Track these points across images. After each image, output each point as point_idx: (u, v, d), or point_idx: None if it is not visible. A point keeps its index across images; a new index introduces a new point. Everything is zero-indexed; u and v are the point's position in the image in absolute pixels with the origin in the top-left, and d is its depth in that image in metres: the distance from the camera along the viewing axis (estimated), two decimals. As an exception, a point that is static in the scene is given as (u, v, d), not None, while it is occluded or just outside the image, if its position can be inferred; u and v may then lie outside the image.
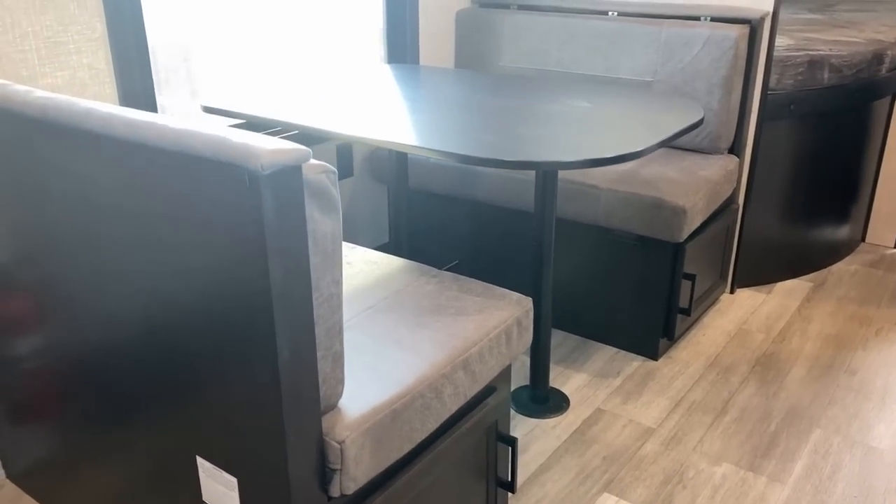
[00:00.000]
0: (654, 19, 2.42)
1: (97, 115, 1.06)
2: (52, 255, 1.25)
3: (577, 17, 2.53)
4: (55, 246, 1.24)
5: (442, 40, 2.74)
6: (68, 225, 1.19)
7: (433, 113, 1.81)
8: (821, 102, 2.54)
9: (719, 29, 2.28)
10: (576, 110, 1.84)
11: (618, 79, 2.48)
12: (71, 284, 1.24)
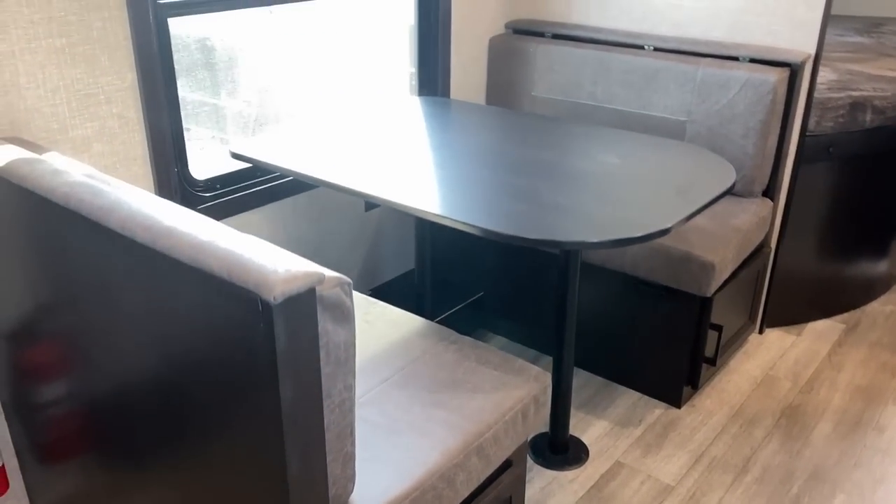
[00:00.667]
0: (691, 57, 2.36)
1: (117, 216, 1.07)
2: (74, 311, 1.27)
3: (612, 51, 2.48)
4: (77, 304, 1.26)
5: (474, 67, 2.71)
6: (89, 292, 1.21)
7: (458, 168, 1.79)
8: (862, 144, 2.46)
9: (758, 72, 2.22)
10: (604, 167, 1.81)
11: (651, 116, 2.43)
12: (91, 340, 1.26)
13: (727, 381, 2.38)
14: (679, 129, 2.38)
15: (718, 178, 1.75)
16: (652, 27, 2.50)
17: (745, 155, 2.29)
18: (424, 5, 2.47)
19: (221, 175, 2.03)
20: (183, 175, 1.92)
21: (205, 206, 1.97)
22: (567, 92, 2.59)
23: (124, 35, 1.69)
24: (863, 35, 3.39)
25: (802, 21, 2.22)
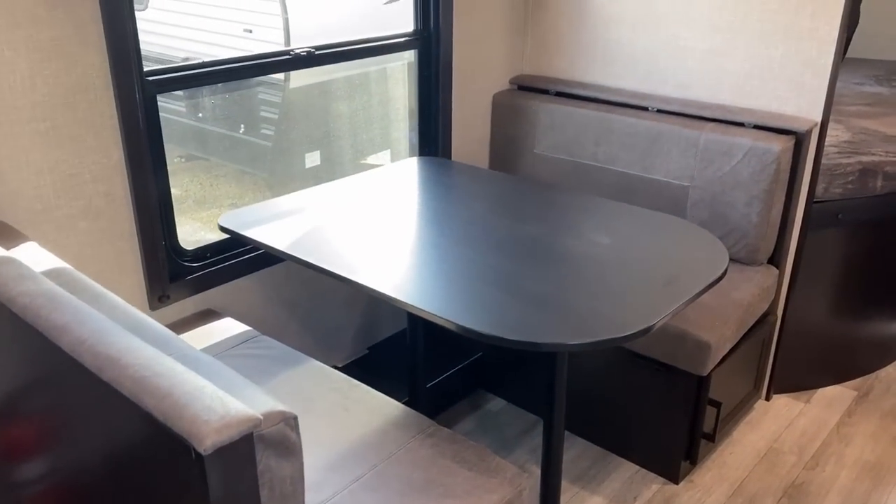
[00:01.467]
0: (695, 121, 2.31)
1: (69, 338, 1.05)
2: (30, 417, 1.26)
3: (615, 112, 2.44)
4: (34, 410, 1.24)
5: (478, 123, 2.69)
6: (45, 401, 1.20)
7: (444, 247, 1.76)
8: (873, 211, 2.39)
9: (762, 140, 2.16)
10: (593, 249, 1.77)
11: (654, 180, 2.38)
12: (46, 444, 1.25)
13: (729, 455, 2.30)
14: (682, 194, 2.33)
15: (710, 265, 1.69)
16: (656, 87, 2.46)
17: (748, 223, 2.23)
18: (424, 62, 2.45)
19: (211, 243, 2.02)
20: (171, 247, 1.91)
21: (194, 277, 1.96)
22: (570, 151, 2.55)
23: (110, 114, 1.69)
24: (882, 84, 3.31)
25: (809, 88, 2.17)
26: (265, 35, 4.75)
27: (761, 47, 2.22)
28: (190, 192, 5.49)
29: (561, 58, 2.66)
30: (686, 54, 2.36)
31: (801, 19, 2.13)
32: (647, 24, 2.41)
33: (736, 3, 2.23)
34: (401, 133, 2.63)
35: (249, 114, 5.05)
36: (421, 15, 2.39)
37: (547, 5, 2.62)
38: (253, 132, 5.21)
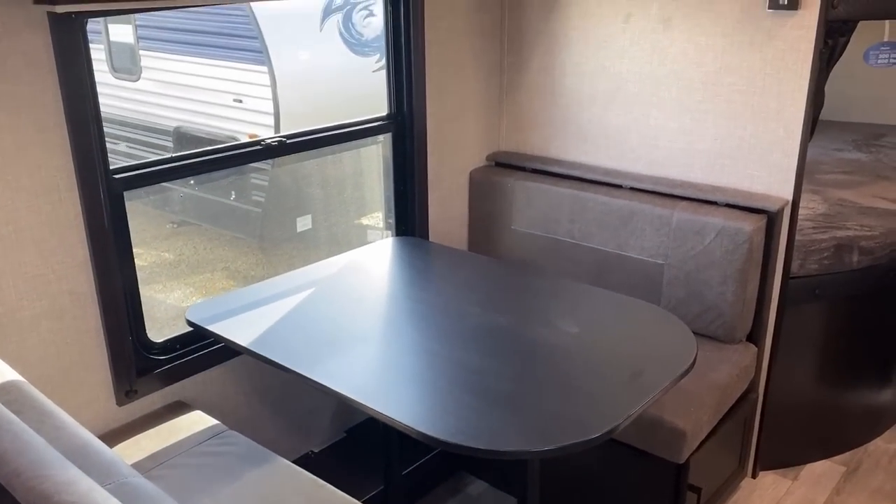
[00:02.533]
0: (667, 199, 2.32)
1: (4, 471, 1.03)
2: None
3: (588, 190, 2.45)
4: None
5: (456, 199, 2.70)
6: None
7: (411, 342, 1.75)
8: (850, 286, 2.38)
9: (733, 220, 2.16)
10: (562, 339, 1.75)
11: (629, 258, 2.37)
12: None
13: (714, 539, 2.25)
14: (657, 272, 2.32)
15: (678, 356, 1.67)
16: (629, 165, 2.47)
17: (724, 301, 2.21)
18: (399, 144, 2.47)
19: (181, 335, 2.01)
20: (138, 340, 1.90)
21: (162, 370, 1.94)
22: (546, 228, 2.55)
23: (75, 213, 1.70)
24: (861, 149, 3.33)
25: (779, 167, 2.18)
26: (255, 105, 4.83)
27: (730, 127, 2.23)
28: (184, 256, 5.51)
29: (536, 135, 2.68)
30: (657, 133, 2.38)
31: (767, 100, 2.15)
32: (618, 104, 2.44)
33: (704, 85, 2.25)
34: (391, 193, 2.64)
35: (240, 181, 5.09)
36: (394, 98, 2.42)
37: (521, 85, 2.66)
38: (244, 199, 5.25)
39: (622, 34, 2.37)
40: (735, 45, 2.16)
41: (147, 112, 5.26)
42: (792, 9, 2.03)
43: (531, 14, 2.56)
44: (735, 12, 2.14)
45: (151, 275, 5.15)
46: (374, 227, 5.28)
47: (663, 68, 2.32)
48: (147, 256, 5.37)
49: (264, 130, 4.85)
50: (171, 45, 5.04)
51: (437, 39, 2.42)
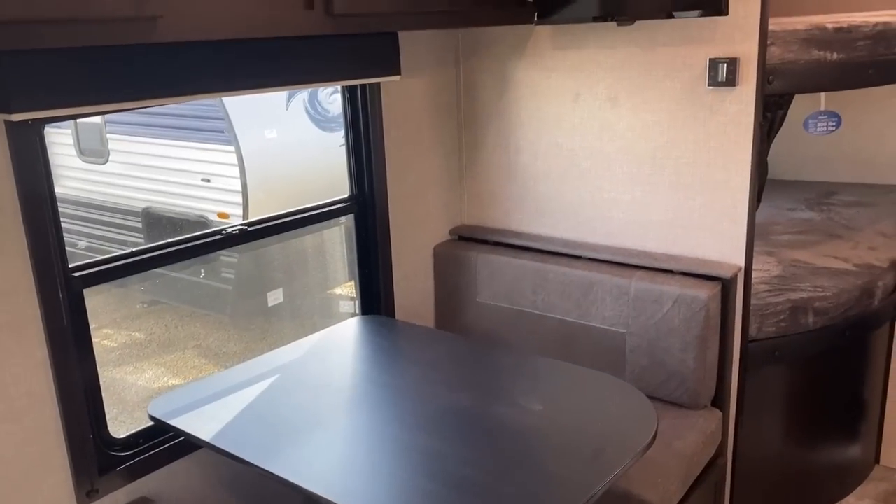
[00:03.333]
0: (625, 269, 2.37)
1: None
2: None
3: (549, 262, 2.50)
4: None
5: (420, 275, 2.73)
6: None
7: (371, 425, 1.75)
8: (808, 346, 2.43)
9: (689, 288, 2.21)
10: (524, 418, 1.77)
11: (592, 327, 2.41)
12: None
13: None
14: (619, 340, 2.36)
15: (639, 430, 1.69)
16: (586, 236, 2.53)
17: (686, 368, 2.25)
18: (361, 224, 2.51)
19: (143, 429, 1.99)
20: (100, 438, 1.88)
21: (125, 467, 1.92)
22: (511, 299, 2.59)
23: (34, 315, 1.70)
24: (814, 209, 3.43)
25: (729, 235, 2.24)
26: (223, 183, 4.88)
27: (680, 198, 2.31)
28: (155, 335, 5.46)
29: (496, 209, 2.74)
30: (611, 205, 2.45)
31: (714, 172, 2.23)
32: (572, 179, 2.51)
33: (653, 158, 2.33)
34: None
35: (209, 259, 5.09)
36: (355, 180, 2.48)
37: (479, 161, 2.73)
38: (214, 276, 5.24)
39: (572, 112, 2.46)
40: (679, 121, 2.26)
41: (115, 194, 5.29)
42: (730, 85, 2.13)
43: (485, 95, 2.65)
44: (677, 90, 2.24)
45: (122, 356, 5.09)
46: (346, 297, 5.30)
47: (613, 144, 2.40)
48: (117, 337, 5.31)
49: (233, 208, 4.89)
50: (139, 128, 5.10)
51: (395, 122, 2.49)
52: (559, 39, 2.42)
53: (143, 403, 4.43)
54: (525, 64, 2.52)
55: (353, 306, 4.00)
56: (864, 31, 2.23)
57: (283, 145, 5.03)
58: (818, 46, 2.18)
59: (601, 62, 2.36)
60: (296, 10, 1.72)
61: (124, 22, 1.40)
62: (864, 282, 2.52)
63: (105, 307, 5.52)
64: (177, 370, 5.04)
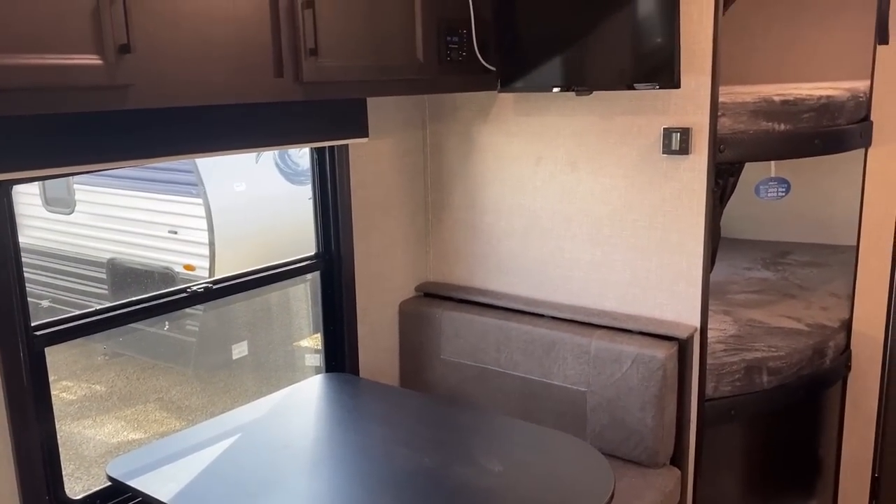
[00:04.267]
0: (585, 328, 2.43)
1: None
2: None
3: (512, 320, 2.54)
4: None
5: (385, 331, 2.76)
6: None
7: (332, 490, 1.75)
8: (763, 405, 2.49)
9: (647, 347, 2.27)
10: (484, 479, 1.79)
11: (553, 385, 2.45)
12: None
13: None
14: (581, 399, 2.40)
15: (597, 491, 1.72)
16: (548, 294, 2.59)
17: (645, 427, 2.29)
18: (327, 281, 2.54)
19: (101, 489, 1.96)
20: (56, 499, 1.85)
21: (81, 529, 1.89)
22: (474, 357, 2.62)
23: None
24: (770, 268, 3.54)
25: (685, 297, 2.32)
26: (190, 235, 4.88)
27: (638, 259, 2.38)
28: (116, 388, 5.36)
29: (461, 267, 2.79)
30: (572, 265, 2.52)
31: (669, 235, 2.31)
32: (534, 238, 2.58)
33: (611, 220, 2.41)
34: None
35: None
36: (322, 238, 2.51)
37: (445, 220, 2.79)
38: (178, 328, 5.19)
39: (534, 175, 2.54)
40: (636, 186, 2.34)
41: (81, 244, 5.25)
42: (684, 154, 2.23)
43: (451, 156, 2.72)
44: (633, 156, 2.33)
45: (81, 409, 4.99)
46: (311, 350, 5.27)
47: (573, 206, 2.48)
48: (77, 389, 5.21)
49: (199, 260, 4.88)
50: (106, 178, 5.10)
51: (362, 182, 2.55)
52: (522, 106, 2.52)
53: (102, 459, 4.33)
54: (489, 128, 2.61)
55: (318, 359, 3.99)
56: (809, 104, 2.36)
57: (252, 198, 5.06)
58: (766, 118, 2.29)
59: (561, 129, 2.45)
60: (266, 78, 1.78)
61: (97, 90, 1.44)
62: (816, 342, 2.60)
63: (65, 358, 5.43)
64: (137, 424, 4.95)
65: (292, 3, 1.79)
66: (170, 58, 1.56)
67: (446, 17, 2.23)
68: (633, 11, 2.14)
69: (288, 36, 1.79)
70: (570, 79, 2.28)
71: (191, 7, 1.60)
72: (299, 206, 5.09)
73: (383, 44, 2.04)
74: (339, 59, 1.91)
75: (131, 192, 5.05)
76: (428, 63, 2.16)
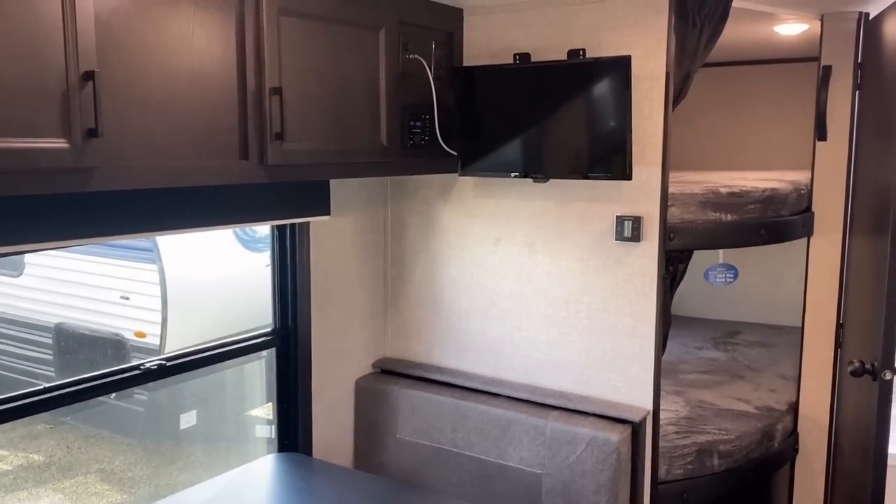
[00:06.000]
0: (541, 409, 2.44)
1: None
2: None
3: (468, 399, 2.55)
4: None
5: (340, 408, 2.73)
6: None
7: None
8: (714, 488, 2.51)
9: (601, 430, 2.29)
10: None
11: (509, 467, 2.44)
12: None
13: None
14: (536, 482, 2.39)
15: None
16: (505, 373, 2.61)
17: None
18: (283, 357, 2.52)
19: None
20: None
21: None
22: (430, 436, 2.60)
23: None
24: (719, 347, 3.63)
25: (638, 380, 2.36)
26: (143, 301, 4.79)
27: (592, 341, 2.43)
28: (55, 458, 5.14)
29: (420, 344, 2.80)
30: (529, 345, 2.55)
31: (622, 318, 2.37)
32: (493, 317, 2.61)
33: (567, 302, 2.46)
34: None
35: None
36: (279, 313, 2.50)
37: (404, 296, 2.81)
38: (124, 396, 5.04)
39: (493, 255, 2.59)
40: (591, 269, 2.41)
41: (28, 308, 5.11)
42: (635, 241, 2.31)
43: (412, 234, 2.76)
44: (588, 241, 2.40)
45: (16, 480, 4.76)
46: (263, 420, 5.16)
47: (531, 286, 2.53)
48: (13, 459, 4.98)
49: (151, 327, 4.78)
50: (59, 242, 5.00)
51: (322, 257, 2.56)
52: (481, 189, 2.59)
53: (35, 536, 4.12)
54: (450, 209, 2.66)
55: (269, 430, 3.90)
56: (754, 196, 2.47)
57: (207, 264, 5.02)
58: (714, 208, 2.40)
59: (519, 212, 2.52)
60: (231, 161, 1.81)
61: (61, 173, 1.45)
62: (764, 425, 2.66)
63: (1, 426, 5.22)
64: (76, 496, 4.75)
65: (260, 89, 1.83)
66: (137, 141, 1.58)
67: (410, 102, 2.30)
68: (588, 106, 2.25)
69: (254, 120, 1.83)
70: (528, 166, 2.36)
71: (161, 91, 1.63)
72: (256, 273, 5.05)
73: (348, 128, 2.09)
74: (304, 142, 1.95)
75: (83, 256, 4.97)
76: (392, 147, 2.22)
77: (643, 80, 2.22)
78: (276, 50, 1.84)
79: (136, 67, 1.58)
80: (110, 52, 1.52)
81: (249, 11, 1.80)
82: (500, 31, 2.46)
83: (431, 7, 2.39)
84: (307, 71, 1.95)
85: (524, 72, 2.35)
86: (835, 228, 2.68)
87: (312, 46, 1.96)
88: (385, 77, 2.18)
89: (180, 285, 4.75)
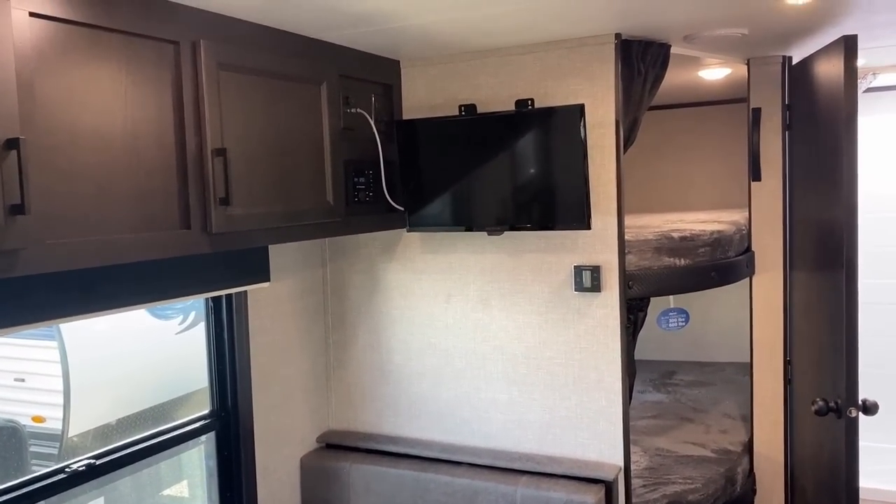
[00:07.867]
0: (508, 474, 2.31)
1: None
2: None
3: (429, 470, 2.38)
4: None
5: (286, 490, 2.50)
6: None
7: None
8: (687, 541, 2.44)
9: (575, 493, 2.18)
10: None
11: (477, 540, 2.28)
12: None
13: None
14: (508, 553, 2.24)
15: None
16: (464, 439, 2.47)
17: (578, 579, 2.16)
18: (223, 441, 2.29)
19: None
20: None
21: None
22: (387, 515, 2.41)
23: None
24: (660, 390, 3.61)
25: (606, 435, 2.27)
26: (41, 383, 4.35)
27: (556, 398, 2.33)
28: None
29: (368, 412, 2.62)
30: (488, 406, 2.42)
31: (586, 372, 2.28)
32: (447, 379, 2.48)
33: (527, 359, 2.36)
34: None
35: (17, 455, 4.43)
36: (217, 395, 2.28)
37: (348, 361, 2.63)
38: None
39: (445, 313, 2.47)
40: (550, 323, 2.32)
41: None
42: (595, 290, 2.24)
43: (354, 294, 2.60)
44: (546, 293, 2.32)
45: None
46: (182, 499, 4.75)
47: (487, 344, 2.41)
48: None
49: (51, 410, 4.33)
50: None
51: (261, 328, 2.36)
52: (428, 243, 2.47)
53: None
54: (395, 266, 2.53)
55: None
56: (703, 239, 2.47)
57: (113, 337, 4.63)
58: (668, 254, 2.37)
59: (471, 266, 2.41)
60: (171, 231, 1.62)
61: (-20, 257, 1.23)
62: (725, 469, 2.62)
63: None
64: None
65: (201, 150, 1.66)
66: (67, 215, 1.38)
67: (354, 158, 2.17)
68: (541, 156, 2.18)
69: (196, 184, 1.66)
70: (481, 220, 2.26)
71: (93, 157, 1.44)
72: (165, 341, 4.70)
73: (294, 187, 1.94)
74: (248, 206, 1.78)
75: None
76: (337, 205, 2.08)
77: (594, 127, 2.18)
78: (216, 107, 1.68)
79: (64, 131, 1.38)
80: (36, 114, 1.32)
81: (187, 67, 1.63)
82: (441, 82, 2.38)
83: (369, 59, 2.29)
84: (250, 129, 1.79)
85: (471, 123, 2.26)
86: (775, 266, 2.72)
87: (254, 103, 1.81)
88: (329, 132, 2.05)
89: (84, 360, 4.34)
